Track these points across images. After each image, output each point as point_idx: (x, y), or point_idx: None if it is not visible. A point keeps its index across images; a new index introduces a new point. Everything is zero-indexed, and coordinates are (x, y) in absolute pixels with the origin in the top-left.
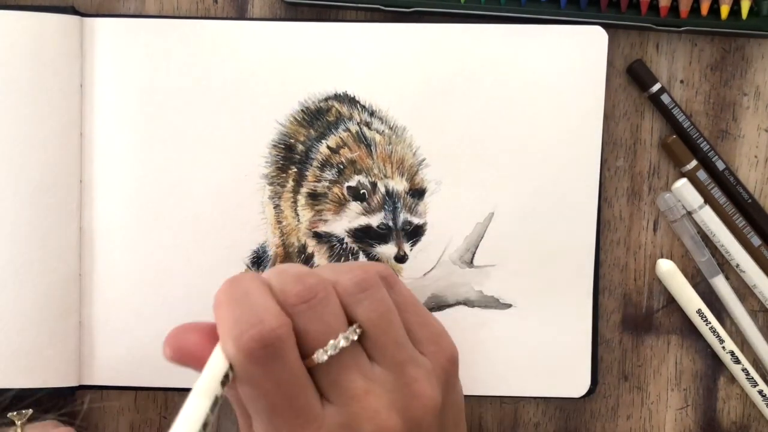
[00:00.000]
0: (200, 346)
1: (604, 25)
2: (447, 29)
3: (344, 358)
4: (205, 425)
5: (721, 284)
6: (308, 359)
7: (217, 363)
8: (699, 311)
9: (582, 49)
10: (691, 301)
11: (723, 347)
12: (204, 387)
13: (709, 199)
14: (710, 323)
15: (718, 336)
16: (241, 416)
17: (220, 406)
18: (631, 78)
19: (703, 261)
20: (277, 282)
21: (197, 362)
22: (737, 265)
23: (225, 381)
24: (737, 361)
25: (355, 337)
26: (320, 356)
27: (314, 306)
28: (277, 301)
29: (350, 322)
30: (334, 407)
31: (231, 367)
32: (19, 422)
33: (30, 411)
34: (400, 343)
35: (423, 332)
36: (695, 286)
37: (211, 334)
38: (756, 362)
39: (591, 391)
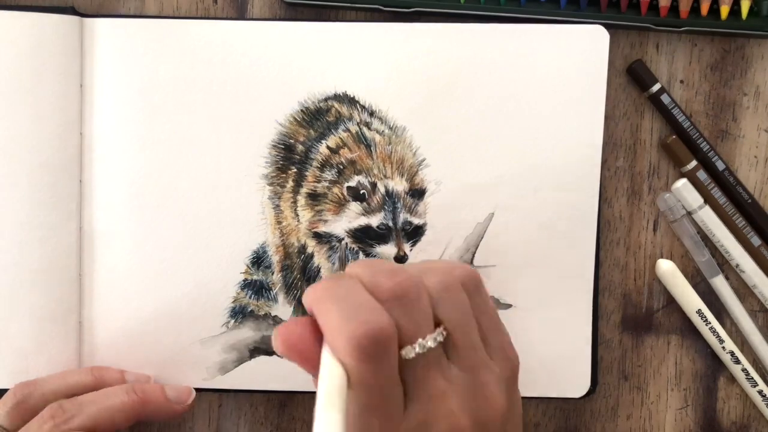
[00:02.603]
0: (305, 341)
1: (604, 26)
2: (447, 29)
3: (429, 356)
4: None
5: (721, 284)
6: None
7: (333, 370)
8: (699, 311)
9: (583, 49)
10: (691, 301)
11: (723, 347)
12: (331, 400)
13: (709, 199)
14: (710, 323)
15: (718, 336)
16: None
17: (220, 407)
18: (631, 78)
19: (703, 261)
20: (369, 277)
21: (301, 358)
22: (737, 265)
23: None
24: (737, 361)
25: (442, 339)
26: (408, 353)
27: (406, 303)
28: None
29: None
30: (413, 404)
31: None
32: None
33: None
34: (476, 347)
35: (494, 339)
36: (695, 286)
37: (315, 329)
38: (756, 362)
39: (591, 391)
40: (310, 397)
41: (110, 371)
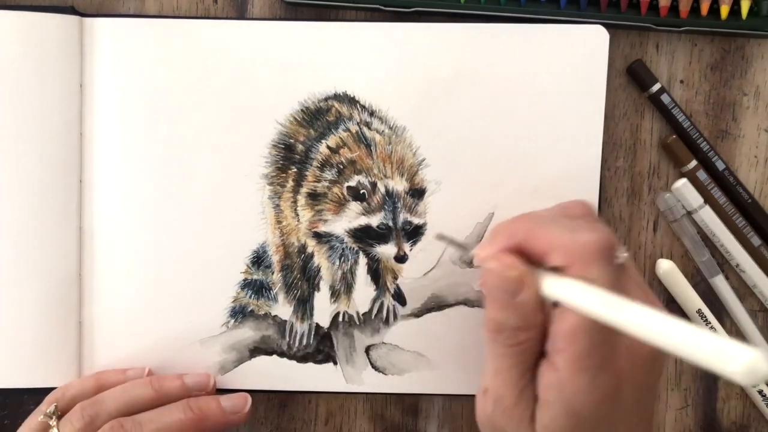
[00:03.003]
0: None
1: (604, 26)
2: (447, 29)
3: None
4: None
5: (721, 284)
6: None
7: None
8: (699, 311)
9: (583, 49)
10: (691, 301)
11: None
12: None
13: (709, 199)
14: (710, 323)
15: None
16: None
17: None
18: (631, 78)
19: (703, 261)
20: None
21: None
22: (737, 265)
23: None
24: None
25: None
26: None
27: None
28: None
29: None
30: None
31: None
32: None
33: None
34: None
35: None
36: (695, 286)
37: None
38: None
39: None
40: (310, 397)
41: (168, 380)
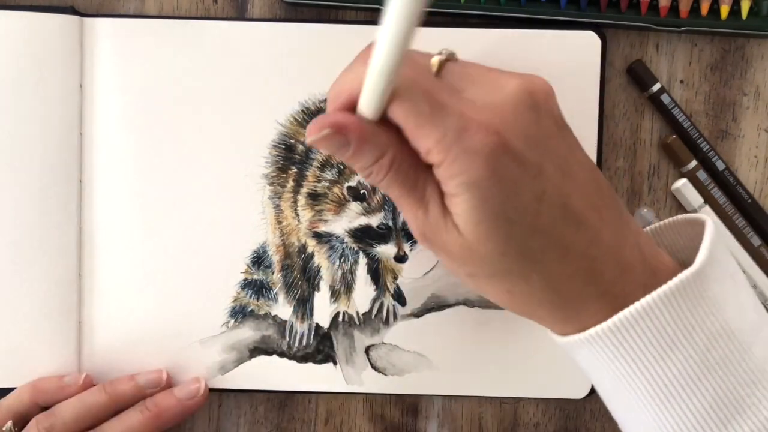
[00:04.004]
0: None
1: (604, 26)
2: (446, 32)
3: None
4: None
5: None
6: None
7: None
8: None
9: (575, 54)
10: None
11: None
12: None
13: (709, 199)
14: None
15: None
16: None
17: (220, 407)
18: (631, 78)
19: None
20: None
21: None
22: None
23: None
24: None
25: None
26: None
27: None
28: None
29: None
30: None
31: None
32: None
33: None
34: None
35: None
36: None
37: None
38: None
39: (592, 392)
40: (310, 397)
41: (122, 382)
